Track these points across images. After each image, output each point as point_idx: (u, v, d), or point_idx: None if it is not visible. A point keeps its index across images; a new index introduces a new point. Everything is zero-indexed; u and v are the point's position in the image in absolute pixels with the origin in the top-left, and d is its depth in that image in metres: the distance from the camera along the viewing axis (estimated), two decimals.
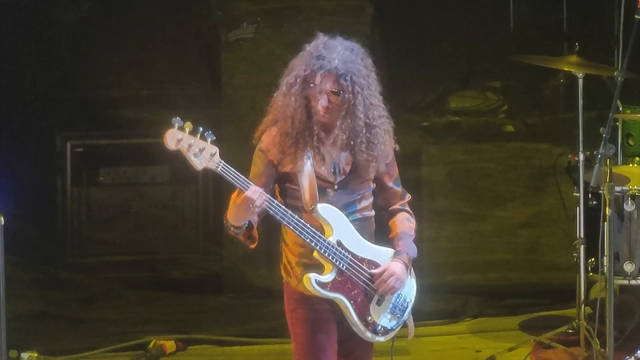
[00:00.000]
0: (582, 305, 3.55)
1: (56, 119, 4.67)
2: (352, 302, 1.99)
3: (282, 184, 2.04)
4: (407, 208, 2.16)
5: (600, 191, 2.92)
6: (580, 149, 3.53)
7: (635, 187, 3.37)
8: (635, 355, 3.26)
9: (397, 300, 2.07)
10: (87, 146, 4.77)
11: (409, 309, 2.11)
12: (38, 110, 4.62)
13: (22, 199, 4.08)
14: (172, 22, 4.67)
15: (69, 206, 4.74)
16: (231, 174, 1.89)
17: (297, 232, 1.93)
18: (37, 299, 4.34)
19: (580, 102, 3.60)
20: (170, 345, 3.80)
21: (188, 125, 1.85)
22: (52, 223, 4.68)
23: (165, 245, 4.81)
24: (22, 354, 3.52)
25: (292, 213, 1.94)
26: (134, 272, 4.67)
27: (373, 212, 2.11)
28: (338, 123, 1.96)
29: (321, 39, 1.97)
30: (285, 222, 1.93)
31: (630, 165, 3.78)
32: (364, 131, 1.96)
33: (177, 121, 1.84)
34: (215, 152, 1.88)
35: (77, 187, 4.75)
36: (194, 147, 1.84)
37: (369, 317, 2.03)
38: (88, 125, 4.77)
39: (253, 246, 2.03)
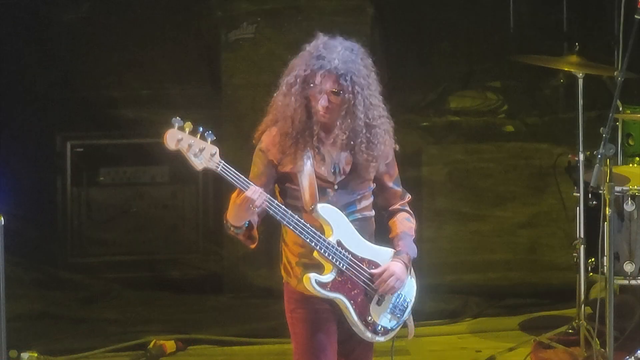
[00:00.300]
0: (582, 305, 3.55)
1: (56, 119, 4.68)
2: (352, 302, 1.99)
3: (282, 184, 2.04)
4: (407, 208, 2.16)
5: (600, 191, 2.92)
6: (580, 149, 3.53)
7: (635, 187, 3.37)
8: (635, 355, 3.26)
9: (397, 300, 2.07)
10: (87, 146, 4.78)
11: (409, 309, 2.11)
12: (38, 110, 4.63)
13: (22, 199, 4.08)
14: (172, 22, 4.67)
15: (69, 206, 4.74)
16: (231, 174, 1.89)
17: (297, 232, 1.93)
18: (37, 299, 4.34)
19: (580, 102, 3.60)
20: (170, 345, 3.80)
21: (188, 125, 1.84)
22: (52, 223, 4.68)
23: (165, 245, 4.81)
24: (22, 354, 3.52)
25: (292, 213, 1.94)
26: (134, 272, 4.68)
27: (373, 212, 2.11)
28: (338, 123, 1.96)
29: (321, 39, 1.97)
30: (285, 222, 1.93)
31: (630, 165, 3.78)
32: (364, 131, 1.96)
33: (177, 121, 1.84)
34: (215, 152, 1.88)
35: (77, 187, 4.76)
36: (194, 147, 1.84)
37: (369, 317, 2.03)
38: (88, 125, 4.77)
39: (253, 246, 2.03)
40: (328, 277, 1.96)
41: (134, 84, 4.73)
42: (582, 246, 3.46)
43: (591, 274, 3.48)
